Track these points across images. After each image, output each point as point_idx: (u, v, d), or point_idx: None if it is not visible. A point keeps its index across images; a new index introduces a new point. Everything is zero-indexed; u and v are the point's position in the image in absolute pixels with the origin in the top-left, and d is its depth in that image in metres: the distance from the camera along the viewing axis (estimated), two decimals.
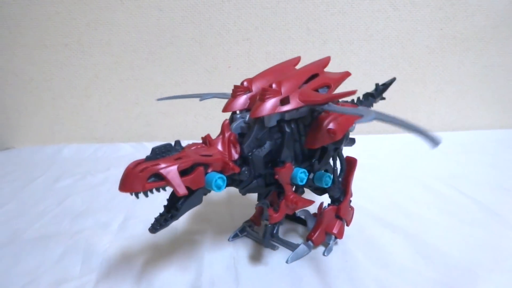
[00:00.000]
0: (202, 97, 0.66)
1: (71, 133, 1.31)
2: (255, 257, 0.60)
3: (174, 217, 0.46)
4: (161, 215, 0.47)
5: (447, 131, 1.26)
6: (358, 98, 0.73)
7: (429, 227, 0.67)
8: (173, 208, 0.46)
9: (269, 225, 0.57)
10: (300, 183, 0.53)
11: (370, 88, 0.76)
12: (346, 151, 0.63)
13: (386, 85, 0.75)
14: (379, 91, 0.75)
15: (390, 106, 1.25)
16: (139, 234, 0.68)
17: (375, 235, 0.65)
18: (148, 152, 0.44)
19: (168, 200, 0.47)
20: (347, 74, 0.62)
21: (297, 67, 0.62)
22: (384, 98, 0.76)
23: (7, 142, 1.33)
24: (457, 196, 0.79)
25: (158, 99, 0.72)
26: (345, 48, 1.21)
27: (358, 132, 1.24)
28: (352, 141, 0.65)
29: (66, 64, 1.24)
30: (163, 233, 0.66)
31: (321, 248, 0.62)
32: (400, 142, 1.16)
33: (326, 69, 0.61)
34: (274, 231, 0.59)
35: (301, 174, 0.53)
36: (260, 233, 0.64)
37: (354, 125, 0.59)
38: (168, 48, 1.22)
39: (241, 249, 0.63)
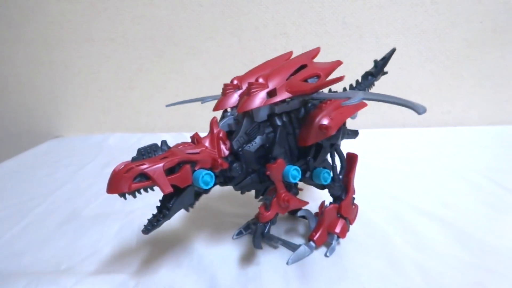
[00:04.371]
0: (203, 100, 0.69)
1: (116, 123, 1.38)
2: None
3: (166, 216, 0.46)
4: (153, 216, 0.47)
5: (485, 125, 1.25)
6: (357, 80, 0.70)
7: (466, 215, 0.69)
8: (165, 208, 0.46)
9: (260, 224, 0.54)
10: (293, 181, 0.51)
11: (407, 80, 0.76)
12: (349, 147, 0.62)
13: (385, 59, 0.71)
14: (379, 67, 0.71)
15: (427, 101, 1.26)
16: (186, 215, 0.73)
17: (413, 222, 0.68)
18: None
19: (160, 201, 0.48)
20: (337, 63, 0.59)
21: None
22: (386, 73, 0.73)
23: (56, 131, 1.43)
24: (494, 187, 0.80)
25: (168, 105, 0.76)
26: (382, 42, 1.22)
27: (394, 125, 1.26)
28: (355, 133, 0.64)
29: (112, 58, 1.31)
30: (200, 214, 0.71)
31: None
32: (439, 135, 1.17)
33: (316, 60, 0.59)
34: (265, 230, 0.55)
35: (293, 171, 0.51)
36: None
37: (355, 113, 0.57)
38: (208, 42, 1.26)
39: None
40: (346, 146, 0.72)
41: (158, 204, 0.46)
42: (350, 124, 0.62)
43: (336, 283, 0.53)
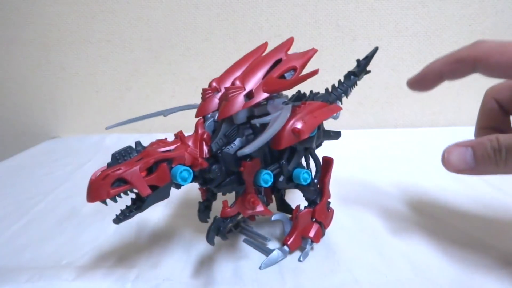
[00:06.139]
0: (165, 113, 0.65)
1: (112, 124, 1.39)
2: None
3: (139, 209, 0.46)
4: (127, 206, 0.47)
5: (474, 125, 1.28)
6: (339, 81, 0.68)
7: (454, 211, 0.72)
8: (139, 200, 0.46)
9: (218, 218, 0.52)
10: (264, 185, 0.51)
11: (398, 82, 0.79)
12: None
13: (368, 58, 0.70)
14: (362, 67, 0.70)
15: (418, 101, 1.29)
16: (184, 212, 0.75)
17: (403, 217, 0.70)
18: None
19: (136, 193, 0.46)
20: (312, 51, 0.57)
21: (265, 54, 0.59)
22: (369, 72, 0.72)
23: (53, 131, 1.44)
24: (482, 185, 0.83)
25: (107, 127, 0.66)
26: (374, 44, 1.22)
27: (386, 125, 1.29)
28: (337, 135, 0.63)
29: (109, 59, 1.33)
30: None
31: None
32: (430, 135, 1.20)
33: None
34: (222, 228, 0.52)
35: (264, 175, 0.51)
36: (254, 228, 0.66)
37: (337, 113, 0.57)
38: (204, 44, 1.29)
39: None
40: (340, 146, 0.74)
41: None
42: (342, 125, 0.63)
43: (329, 276, 0.55)
